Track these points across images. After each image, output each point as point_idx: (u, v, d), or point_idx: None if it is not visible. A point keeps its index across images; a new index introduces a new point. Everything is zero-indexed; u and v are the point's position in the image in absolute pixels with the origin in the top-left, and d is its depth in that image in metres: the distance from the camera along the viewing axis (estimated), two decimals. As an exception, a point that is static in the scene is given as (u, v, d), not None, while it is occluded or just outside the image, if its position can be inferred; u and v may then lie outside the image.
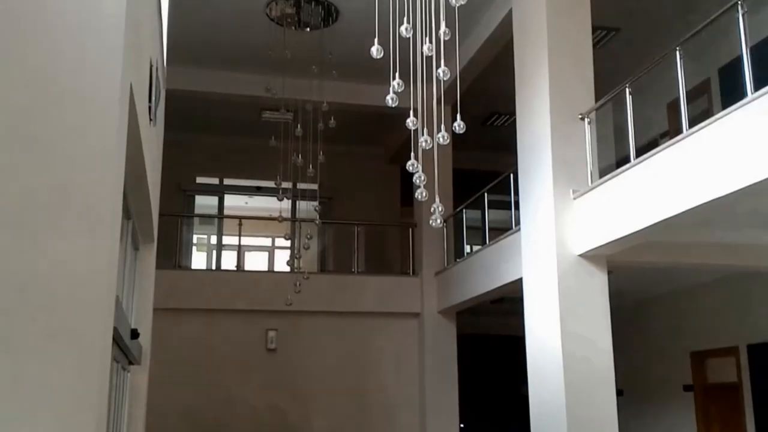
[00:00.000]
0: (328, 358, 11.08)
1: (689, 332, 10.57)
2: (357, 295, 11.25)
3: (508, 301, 9.62)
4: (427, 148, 4.01)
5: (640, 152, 6.47)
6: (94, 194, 2.50)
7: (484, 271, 9.60)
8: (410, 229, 11.88)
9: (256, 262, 14.66)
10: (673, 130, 6.38)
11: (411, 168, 4.14)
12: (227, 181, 13.83)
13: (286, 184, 8.51)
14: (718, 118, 5.41)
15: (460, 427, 11.46)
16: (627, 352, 11.53)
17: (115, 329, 3.22)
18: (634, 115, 6.83)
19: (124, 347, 4.16)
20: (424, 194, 4.12)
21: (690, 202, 5.58)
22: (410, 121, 4.09)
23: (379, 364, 11.22)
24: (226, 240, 13.17)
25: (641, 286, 10.37)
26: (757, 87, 5.07)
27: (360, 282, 11.45)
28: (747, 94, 5.14)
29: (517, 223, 8.35)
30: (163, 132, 6.74)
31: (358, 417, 10.94)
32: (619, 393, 12.00)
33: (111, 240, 2.58)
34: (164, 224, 8.11)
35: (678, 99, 6.17)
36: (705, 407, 10.27)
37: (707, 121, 5.54)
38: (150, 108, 4.21)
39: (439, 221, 4.25)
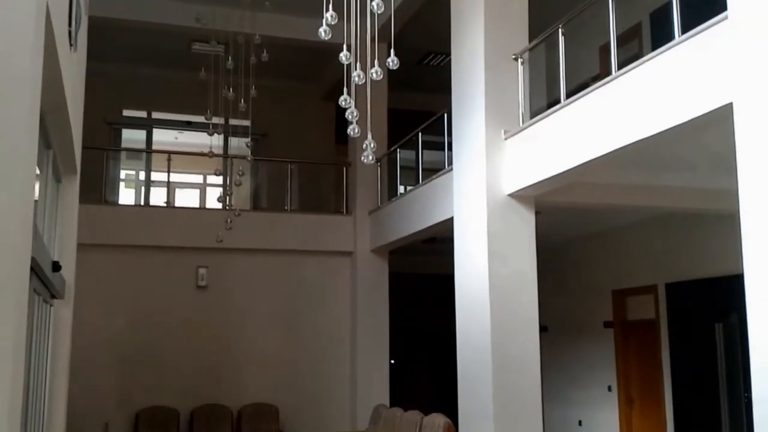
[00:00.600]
0: (260, 295, 11.09)
1: (611, 272, 10.97)
2: (290, 233, 11.22)
3: (440, 241, 9.77)
4: (360, 83, 3.96)
5: (571, 95, 6.56)
6: (7, 120, 2.39)
7: (417, 211, 9.69)
8: (344, 168, 11.85)
9: (187, 199, 14.40)
10: (604, 73, 6.47)
11: (343, 103, 4.08)
12: (156, 115, 13.43)
13: (217, 120, 8.32)
14: (644, 61, 5.51)
15: (391, 363, 11.73)
16: (552, 290, 11.92)
17: (34, 260, 3.13)
18: (567, 58, 6.89)
19: (45, 279, 4.05)
20: (356, 130, 4.10)
21: (615, 143, 5.72)
22: (343, 56, 4.02)
23: (311, 303, 11.30)
24: (156, 176, 12.86)
25: (567, 227, 10.66)
26: (685, 31, 5.17)
27: (293, 220, 11.41)
28: (674, 38, 5.24)
29: (450, 163, 8.42)
30: (87, 61, 6.46)
31: (289, 354, 11.04)
32: (543, 329, 12.46)
33: (26, 168, 2.48)
34: (89, 158, 7.87)
35: (609, 42, 6.24)
36: (624, 342, 10.75)
37: (633, 65, 5.64)
38: (70, 33, 4.02)
39: (371, 158, 4.23)
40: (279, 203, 11.91)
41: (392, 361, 12.53)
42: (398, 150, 10.86)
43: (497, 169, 7.42)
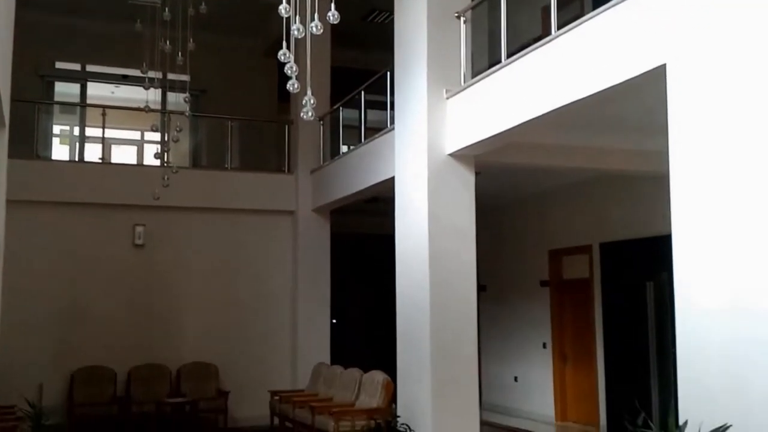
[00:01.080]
0: (199, 254, 10.95)
1: (548, 232, 11.20)
2: (230, 191, 11.07)
3: (382, 201, 9.78)
4: (300, 36, 3.89)
5: (512, 54, 6.58)
6: None
7: (359, 170, 9.67)
8: (286, 126, 11.71)
9: (124, 156, 14.03)
10: (545, 35, 6.50)
11: (282, 57, 4.01)
12: (90, 68, 12.97)
13: (153, 74, 8.09)
14: (581, 23, 5.56)
15: (332, 323, 11.80)
16: (490, 250, 12.12)
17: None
18: (510, 18, 6.88)
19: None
20: (296, 86, 4.04)
21: (552, 104, 5.78)
22: (282, 9, 3.94)
23: (251, 262, 11.22)
24: (91, 132, 12.47)
25: (506, 188, 10.79)
26: (623, -7, 5.21)
27: (234, 178, 11.25)
28: (612, -1, 5.29)
29: (392, 122, 8.40)
30: (17, 10, 6.17)
31: (229, 314, 10.97)
32: (482, 288, 12.73)
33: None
34: (20, 111, 7.60)
35: (550, 3, 6.27)
36: (559, 300, 11.04)
37: (571, 25, 5.69)
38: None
39: (310, 114, 4.18)
40: (219, 161, 11.73)
41: (334, 321, 12.60)
42: (341, 108, 10.77)
43: (438, 128, 7.44)
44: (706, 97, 4.25)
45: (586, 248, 10.43)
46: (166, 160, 9.28)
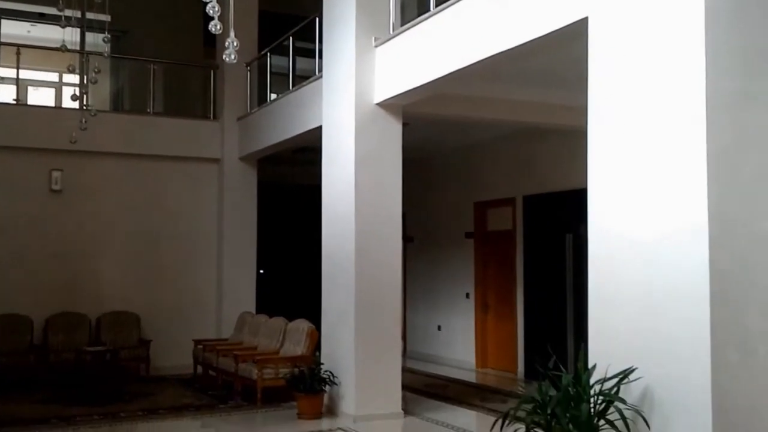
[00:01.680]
0: (121, 201, 10.66)
1: (474, 184, 11.34)
2: (153, 137, 10.75)
3: (310, 151, 9.68)
4: (222, -26, 3.76)
5: (440, 3, 6.53)
6: None
7: (286, 118, 9.53)
8: (212, 71, 11.40)
9: (41, 98, 13.44)
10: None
11: (204, -4, 3.87)
12: (4, 5, 12.27)
13: (71, 12, 7.71)
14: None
15: (259, 273, 11.75)
16: (418, 202, 12.23)
17: None
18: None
19: None
20: (218, 27, 3.90)
21: (478, 55, 5.79)
22: (203, -56, 3.78)
23: (175, 210, 10.99)
24: (5, 72, 11.86)
25: (434, 140, 10.84)
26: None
27: (157, 124, 10.92)
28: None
29: (321, 70, 8.28)
30: None
31: (152, 263, 10.77)
32: (409, 239, 12.87)
33: None
34: None
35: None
36: (483, 252, 11.26)
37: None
38: None
39: (233, 56, 4.06)
40: (142, 106, 11.36)
41: (261, 271, 12.54)
42: (269, 55, 10.54)
43: (366, 77, 7.38)
44: (626, 53, 4.33)
45: (510, 201, 10.63)
46: (84, 102, 8.92)
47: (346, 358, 7.45)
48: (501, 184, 10.78)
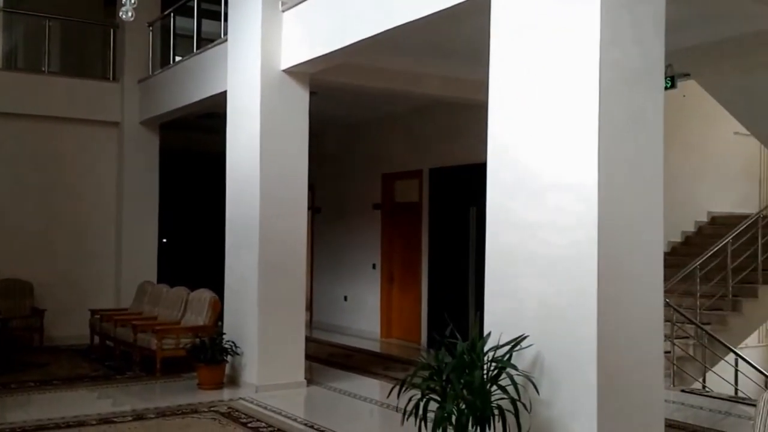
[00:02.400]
0: (13, 164, 10.12)
1: (382, 156, 11.38)
2: (49, 98, 10.23)
3: (216, 117, 9.45)
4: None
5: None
6: None
7: (190, 82, 9.25)
8: (112, 31, 10.91)
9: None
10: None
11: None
12: None
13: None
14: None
15: (161, 242, 11.45)
16: (327, 173, 12.19)
17: None
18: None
19: None
20: (112, -18, 3.73)
21: (382, 25, 5.75)
22: None
23: (72, 175, 10.53)
24: None
25: (344, 110, 10.80)
26: None
27: (53, 84, 10.39)
28: None
29: (226, 33, 8.06)
30: None
31: (46, 229, 10.31)
32: (317, 210, 12.83)
33: None
34: None
35: None
36: (390, 223, 11.34)
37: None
38: None
39: (130, 14, 3.93)
40: (37, 64, 10.78)
41: (164, 240, 12.22)
42: (173, 15, 10.18)
43: (273, 42, 7.23)
44: (526, 29, 4.39)
45: (416, 173, 10.72)
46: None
47: (249, 328, 7.38)
48: (408, 156, 10.85)
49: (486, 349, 4.21)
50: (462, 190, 9.84)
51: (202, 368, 7.38)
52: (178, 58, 10.10)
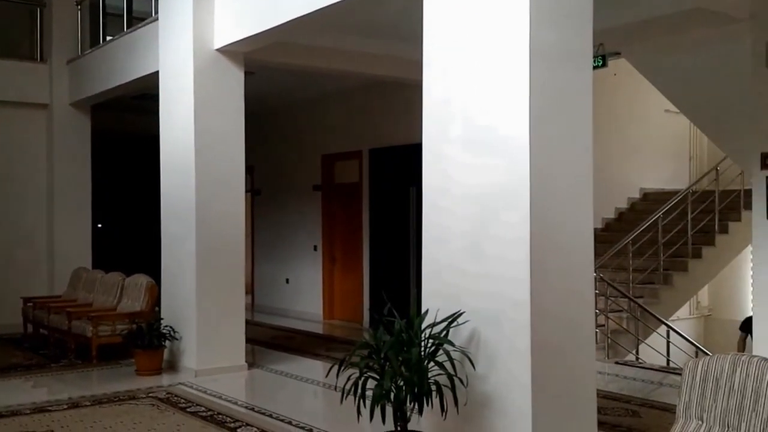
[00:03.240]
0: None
1: (322, 137, 11.31)
2: (-29, 79, 9.83)
3: (150, 98, 9.22)
4: None
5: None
6: None
7: (121, 62, 8.99)
8: (38, 9, 10.51)
9: None
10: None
11: None
12: None
13: None
14: None
15: (96, 227, 11.16)
16: (266, 154, 12.06)
17: None
18: None
19: None
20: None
21: (319, 2, 5.67)
22: None
23: (0, 160, 10.16)
24: None
25: (281, 91, 10.68)
26: None
27: (-25, 65, 9.99)
28: None
29: (157, 11, 7.85)
30: None
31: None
32: (257, 192, 12.70)
33: None
34: None
35: None
36: (330, 205, 11.30)
37: None
38: None
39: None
40: (-42, 44, 10.33)
41: (99, 225, 11.93)
42: (102, -7, 9.87)
43: (205, 21, 7.08)
44: (457, 5, 4.39)
45: (356, 154, 10.70)
46: None
47: (187, 312, 7.27)
48: (348, 137, 10.81)
49: (423, 326, 4.24)
50: (402, 170, 9.85)
51: (140, 354, 7.25)
52: (108, 38, 9.81)
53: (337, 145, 11.04)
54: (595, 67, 5.14)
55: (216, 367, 7.16)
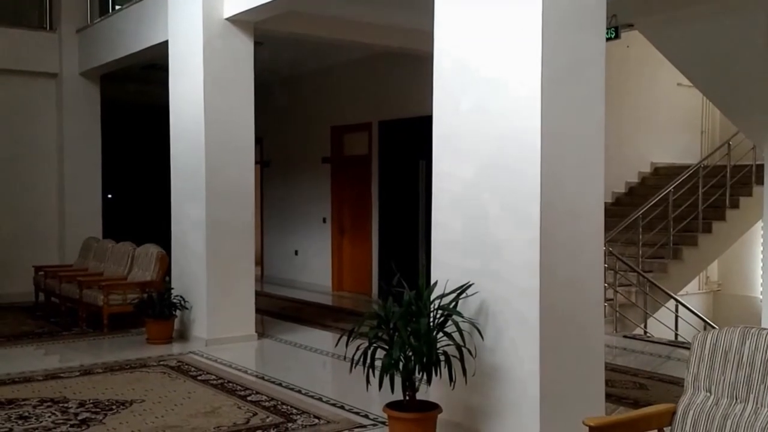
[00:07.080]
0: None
1: (331, 109, 11.26)
2: (-19, 48, 9.83)
3: (160, 68, 9.20)
4: None
5: None
6: None
7: (130, 31, 8.95)
8: (48, -22, 10.48)
9: None
10: None
11: None
12: None
13: None
14: None
15: (107, 197, 11.20)
16: (276, 126, 12.03)
17: None
18: None
19: None
20: None
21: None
22: None
23: (9, 129, 10.18)
24: None
25: (291, 61, 10.62)
26: None
27: (-14, 33, 9.97)
28: None
29: (167, -20, 7.79)
30: None
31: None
32: (266, 164, 12.69)
33: None
34: None
35: None
36: (339, 177, 11.29)
37: None
38: None
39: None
40: (-33, 13, 10.31)
41: (109, 195, 11.98)
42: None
43: (215, -11, 7.02)
44: (472, -25, 4.34)
45: (366, 125, 10.65)
46: None
47: (197, 282, 7.32)
48: (357, 108, 10.76)
49: (432, 297, 4.26)
50: (412, 142, 9.80)
51: (151, 323, 7.31)
52: (117, 7, 9.76)
53: (347, 117, 10.99)
54: (607, 39, 5.09)
55: (226, 337, 7.22)
